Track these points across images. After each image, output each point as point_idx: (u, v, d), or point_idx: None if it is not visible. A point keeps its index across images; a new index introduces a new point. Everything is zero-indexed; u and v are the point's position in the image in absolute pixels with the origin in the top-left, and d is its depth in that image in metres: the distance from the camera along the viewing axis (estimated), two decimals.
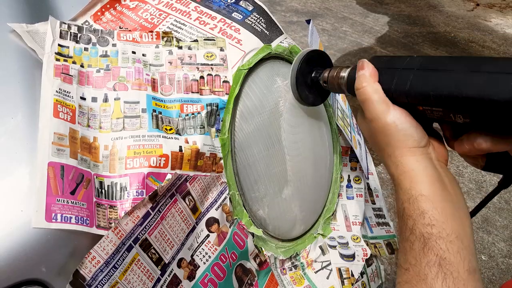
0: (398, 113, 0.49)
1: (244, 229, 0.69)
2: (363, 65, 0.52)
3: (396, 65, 0.50)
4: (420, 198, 0.46)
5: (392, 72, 0.50)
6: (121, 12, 0.76)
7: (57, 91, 0.56)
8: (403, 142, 0.48)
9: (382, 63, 0.52)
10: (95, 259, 0.49)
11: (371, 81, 0.51)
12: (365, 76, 0.51)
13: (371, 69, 0.51)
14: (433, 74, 0.45)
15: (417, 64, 0.48)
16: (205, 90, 0.66)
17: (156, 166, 0.57)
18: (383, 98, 0.50)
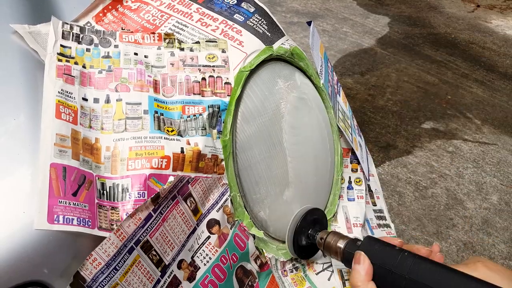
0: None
1: (245, 230, 0.69)
2: (359, 258, 0.54)
3: (389, 261, 0.52)
4: None
5: (386, 273, 0.52)
6: (123, 13, 0.76)
7: (59, 92, 0.56)
8: None
9: (374, 254, 0.54)
10: (96, 260, 0.49)
11: (365, 280, 0.52)
12: (360, 274, 0.53)
13: (367, 266, 0.53)
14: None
15: (408, 269, 0.50)
16: (206, 91, 0.66)
17: (158, 167, 0.57)
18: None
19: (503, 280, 0.47)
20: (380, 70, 2.93)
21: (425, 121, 2.45)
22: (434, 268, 0.49)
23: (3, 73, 0.60)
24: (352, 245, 0.59)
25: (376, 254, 0.54)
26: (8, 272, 0.44)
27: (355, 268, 0.54)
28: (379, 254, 0.54)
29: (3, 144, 0.51)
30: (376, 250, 0.55)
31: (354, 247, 0.58)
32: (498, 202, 1.95)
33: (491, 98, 2.72)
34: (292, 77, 0.76)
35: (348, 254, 0.58)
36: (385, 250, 0.54)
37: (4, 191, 0.48)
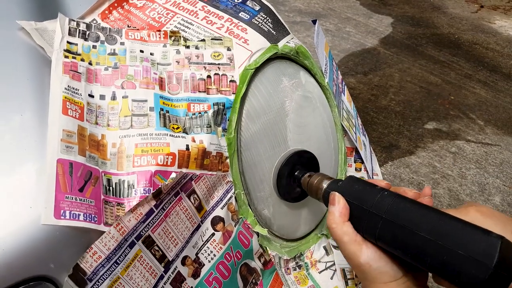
0: (371, 252, 0.49)
1: (249, 228, 0.69)
2: (334, 199, 0.52)
3: (367, 200, 0.50)
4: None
5: (362, 212, 0.50)
6: (128, 11, 0.76)
7: (66, 88, 0.56)
8: (378, 279, 0.49)
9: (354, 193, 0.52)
10: (96, 254, 0.50)
11: (340, 221, 0.51)
12: (335, 215, 0.51)
13: (342, 207, 0.52)
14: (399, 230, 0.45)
15: (385, 207, 0.48)
16: (212, 89, 0.67)
17: (163, 164, 0.57)
18: (354, 239, 0.50)
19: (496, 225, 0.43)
20: (383, 70, 2.93)
21: (428, 122, 2.45)
22: (414, 208, 0.46)
23: (10, 70, 0.60)
24: (333, 185, 0.56)
25: (354, 194, 0.52)
26: (15, 267, 0.44)
27: (330, 209, 0.53)
28: (358, 193, 0.52)
29: (10, 140, 0.52)
30: (356, 189, 0.52)
31: (334, 187, 0.55)
32: (500, 203, 1.95)
33: (494, 99, 2.72)
34: (297, 76, 0.76)
35: (328, 194, 0.55)
36: (365, 190, 0.52)
37: (11, 186, 0.48)
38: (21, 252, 0.44)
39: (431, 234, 0.43)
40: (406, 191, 0.51)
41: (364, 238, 0.50)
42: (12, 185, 0.48)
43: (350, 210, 0.51)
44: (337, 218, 0.51)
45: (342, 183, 0.55)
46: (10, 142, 0.51)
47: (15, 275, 0.44)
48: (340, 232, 0.50)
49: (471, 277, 0.39)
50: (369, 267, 0.49)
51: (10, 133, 0.52)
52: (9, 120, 0.53)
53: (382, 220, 0.47)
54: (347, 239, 0.50)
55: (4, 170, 0.49)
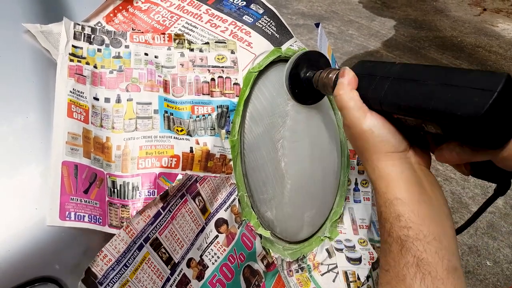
0: (374, 119, 0.50)
1: (252, 230, 0.69)
2: (343, 72, 0.53)
3: (377, 72, 0.50)
4: (395, 201, 0.46)
5: (371, 80, 0.50)
6: (133, 14, 0.77)
7: (71, 91, 0.57)
8: (379, 148, 0.49)
9: (365, 69, 0.52)
10: (106, 257, 0.50)
11: (348, 88, 0.51)
12: (343, 84, 0.52)
13: (351, 76, 0.52)
14: (406, 85, 0.46)
15: (395, 72, 0.48)
16: (215, 92, 0.67)
17: (168, 166, 0.57)
18: (359, 105, 0.50)
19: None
20: None
21: None
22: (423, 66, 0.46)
23: (16, 72, 0.60)
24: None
25: (366, 69, 0.52)
26: (20, 267, 0.45)
27: (338, 82, 0.53)
28: (370, 68, 0.52)
29: (15, 142, 0.52)
30: (367, 65, 0.53)
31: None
32: (503, 206, 1.95)
33: None
34: None
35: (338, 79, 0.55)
36: (376, 65, 0.52)
37: (17, 188, 0.48)
38: (27, 253, 0.45)
39: (438, 79, 0.43)
40: None
41: (370, 108, 0.50)
42: (18, 187, 0.49)
43: (360, 82, 0.51)
44: (345, 86, 0.51)
45: (354, 65, 0.55)
46: (16, 144, 0.52)
47: (20, 275, 0.45)
48: (347, 98, 0.51)
49: (472, 106, 0.38)
50: (371, 133, 0.49)
51: (15, 135, 0.53)
52: (15, 122, 0.54)
53: (390, 82, 0.47)
54: (353, 105, 0.50)
55: (10, 172, 0.49)
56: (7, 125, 0.53)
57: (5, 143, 0.52)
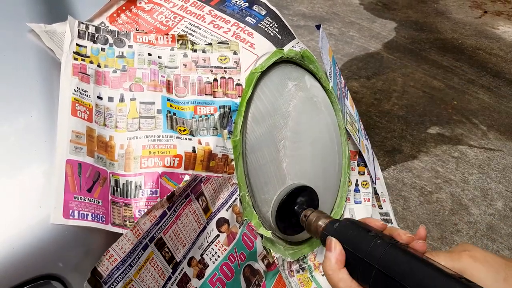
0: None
1: (253, 230, 0.70)
2: (330, 245, 0.53)
3: (360, 250, 0.51)
4: None
5: (357, 261, 0.51)
6: (136, 14, 0.77)
7: (75, 90, 0.57)
8: None
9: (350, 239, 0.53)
10: (112, 257, 0.51)
11: (336, 268, 0.51)
12: (331, 262, 0.52)
13: (338, 253, 0.52)
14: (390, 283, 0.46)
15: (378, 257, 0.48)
16: (218, 92, 0.67)
17: (170, 166, 0.58)
18: (350, 285, 0.50)
19: (488, 272, 0.43)
20: (386, 75, 2.93)
21: (431, 126, 2.45)
22: (405, 259, 0.46)
23: (20, 71, 0.61)
24: (330, 227, 0.57)
25: (349, 240, 0.52)
26: (24, 265, 0.45)
27: (326, 255, 0.53)
28: (353, 239, 0.52)
29: (19, 140, 0.52)
30: (351, 235, 0.53)
31: (331, 230, 0.56)
32: (503, 209, 1.95)
33: (497, 104, 2.72)
34: (302, 80, 0.77)
35: (325, 236, 0.56)
36: (360, 236, 0.52)
37: (21, 186, 0.49)
38: (31, 251, 0.45)
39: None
40: (400, 234, 0.51)
41: (359, 284, 0.51)
42: (22, 185, 0.49)
43: (346, 257, 0.52)
44: (333, 265, 0.51)
45: (338, 227, 0.55)
46: (20, 143, 0.52)
47: (24, 273, 0.45)
48: (336, 279, 0.51)
49: None
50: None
51: (19, 134, 0.53)
52: (19, 121, 0.54)
53: (375, 271, 0.48)
54: (343, 286, 0.50)
55: (14, 170, 0.50)
56: (11, 124, 0.54)
57: (9, 141, 0.52)
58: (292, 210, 0.69)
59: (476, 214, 1.91)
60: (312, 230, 0.61)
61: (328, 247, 0.54)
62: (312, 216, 0.62)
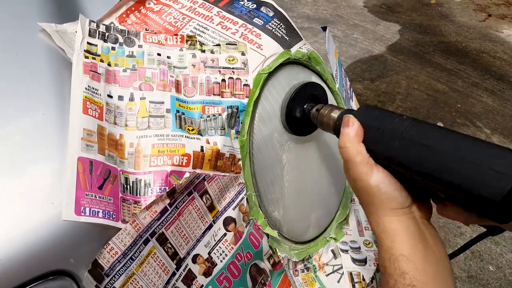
0: (381, 175, 0.49)
1: (259, 229, 0.70)
2: (348, 121, 0.51)
3: (384, 124, 0.48)
4: (400, 258, 0.46)
5: (378, 134, 0.48)
6: (145, 15, 0.78)
7: (86, 88, 0.58)
8: (386, 204, 0.48)
9: (371, 118, 0.50)
10: (113, 250, 0.51)
11: (355, 141, 0.50)
12: (349, 135, 0.50)
13: (356, 128, 0.51)
14: (417, 149, 0.44)
15: (405, 130, 0.46)
16: (226, 92, 0.68)
17: (179, 164, 0.59)
18: (367, 160, 0.49)
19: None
20: (390, 77, 2.94)
21: None
22: (434, 128, 0.44)
23: (32, 70, 0.62)
24: (346, 112, 0.54)
25: (371, 118, 0.50)
26: (36, 261, 0.46)
27: (343, 131, 0.51)
28: (375, 117, 0.50)
29: (32, 137, 0.53)
30: (372, 114, 0.50)
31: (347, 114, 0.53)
32: None
33: (501, 108, 2.72)
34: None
35: (340, 121, 0.53)
36: (382, 115, 0.50)
37: (34, 183, 0.50)
38: (43, 247, 0.46)
39: (452, 149, 0.42)
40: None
41: (376, 162, 0.49)
42: (35, 182, 0.50)
43: (366, 133, 0.50)
44: (352, 138, 0.50)
45: (357, 110, 0.53)
46: (33, 140, 0.53)
47: (36, 269, 0.46)
48: (355, 151, 0.49)
49: (491, 189, 0.38)
50: (378, 190, 0.48)
51: (31, 132, 0.54)
52: (32, 118, 0.55)
53: (399, 140, 0.45)
54: (360, 159, 0.49)
55: (27, 168, 0.50)
56: (23, 123, 0.55)
57: (21, 140, 0.53)
58: (302, 107, 0.65)
59: None
60: (325, 123, 0.58)
61: (345, 124, 0.51)
62: (325, 110, 0.58)
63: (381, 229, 0.48)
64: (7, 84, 0.59)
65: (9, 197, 0.47)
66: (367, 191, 0.49)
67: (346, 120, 0.52)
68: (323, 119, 0.58)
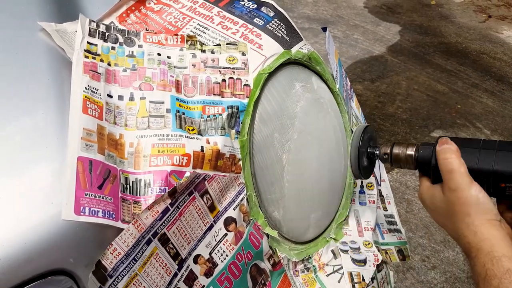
0: (479, 188, 0.53)
1: (259, 230, 0.70)
2: (447, 140, 0.57)
3: (473, 145, 0.56)
4: (504, 258, 0.48)
5: (473, 152, 0.55)
6: (145, 14, 0.78)
7: (86, 87, 0.58)
8: (483, 214, 0.52)
9: (458, 142, 0.57)
10: (116, 250, 0.51)
11: (458, 154, 0.55)
12: (452, 149, 0.55)
13: (455, 146, 0.55)
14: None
15: (495, 145, 0.54)
16: (226, 92, 0.68)
17: (179, 164, 0.58)
18: (467, 172, 0.54)
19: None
20: (390, 78, 2.93)
21: (435, 130, 2.45)
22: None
23: (32, 70, 0.62)
24: (426, 146, 0.60)
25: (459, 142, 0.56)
26: (36, 260, 0.46)
27: (443, 147, 0.56)
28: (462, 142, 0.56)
29: (32, 137, 0.53)
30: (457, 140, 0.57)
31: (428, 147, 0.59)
32: None
33: (501, 109, 2.72)
34: (309, 81, 0.78)
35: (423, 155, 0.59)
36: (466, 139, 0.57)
37: (34, 183, 0.49)
38: (43, 246, 0.46)
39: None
40: None
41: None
42: (34, 182, 0.50)
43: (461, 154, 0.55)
44: (454, 150, 0.55)
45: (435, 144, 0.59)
46: (33, 140, 0.53)
47: (36, 267, 0.46)
48: (459, 162, 0.54)
49: None
50: (477, 200, 0.52)
51: (32, 131, 0.54)
52: (32, 118, 0.55)
53: (496, 153, 0.52)
54: (463, 170, 0.53)
55: (26, 168, 0.50)
56: (24, 122, 0.55)
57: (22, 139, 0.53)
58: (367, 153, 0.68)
59: None
60: (403, 160, 0.62)
61: (443, 142, 0.56)
62: (397, 149, 0.63)
63: (479, 238, 0.51)
64: (7, 84, 0.59)
65: (9, 196, 0.47)
66: (465, 201, 0.53)
67: (444, 140, 0.57)
68: (400, 158, 0.63)
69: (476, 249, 0.51)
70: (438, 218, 0.58)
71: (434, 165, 0.57)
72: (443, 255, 1.74)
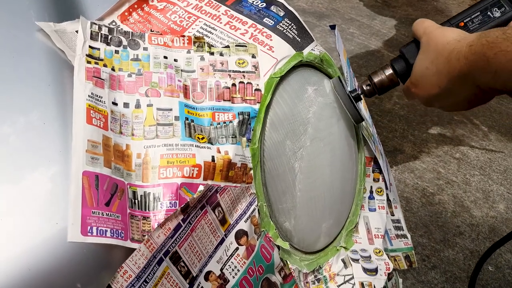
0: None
1: (270, 241, 0.67)
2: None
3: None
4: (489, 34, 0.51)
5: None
6: (148, 13, 0.74)
7: (90, 95, 0.54)
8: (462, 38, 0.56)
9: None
10: (126, 273, 0.48)
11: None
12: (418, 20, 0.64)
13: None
14: None
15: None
16: (236, 98, 0.65)
17: (189, 176, 0.55)
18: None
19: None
20: None
21: (432, 126, 2.44)
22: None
23: (30, 74, 0.58)
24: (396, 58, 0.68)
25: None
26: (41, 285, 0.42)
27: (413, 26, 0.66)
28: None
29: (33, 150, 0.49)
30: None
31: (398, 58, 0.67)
32: (505, 211, 1.95)
33: (498, 105, 2.71)
34: (321, 84, 0.74)
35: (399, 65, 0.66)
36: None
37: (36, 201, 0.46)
38: (48, 271, 0.43)
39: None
40: None
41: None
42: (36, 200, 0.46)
43: None
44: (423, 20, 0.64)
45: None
46: (33, 153, 0.49)
47: None
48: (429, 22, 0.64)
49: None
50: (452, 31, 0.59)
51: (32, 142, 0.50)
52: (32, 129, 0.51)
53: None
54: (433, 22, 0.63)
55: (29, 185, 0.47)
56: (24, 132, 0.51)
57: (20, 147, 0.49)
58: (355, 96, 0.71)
59: (478, 216, 1.90)
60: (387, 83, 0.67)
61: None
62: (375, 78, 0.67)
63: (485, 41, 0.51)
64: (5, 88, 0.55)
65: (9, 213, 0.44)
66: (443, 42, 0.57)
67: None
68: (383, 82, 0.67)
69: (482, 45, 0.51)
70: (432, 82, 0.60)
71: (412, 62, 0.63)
72: (443, 254, 1.73)
